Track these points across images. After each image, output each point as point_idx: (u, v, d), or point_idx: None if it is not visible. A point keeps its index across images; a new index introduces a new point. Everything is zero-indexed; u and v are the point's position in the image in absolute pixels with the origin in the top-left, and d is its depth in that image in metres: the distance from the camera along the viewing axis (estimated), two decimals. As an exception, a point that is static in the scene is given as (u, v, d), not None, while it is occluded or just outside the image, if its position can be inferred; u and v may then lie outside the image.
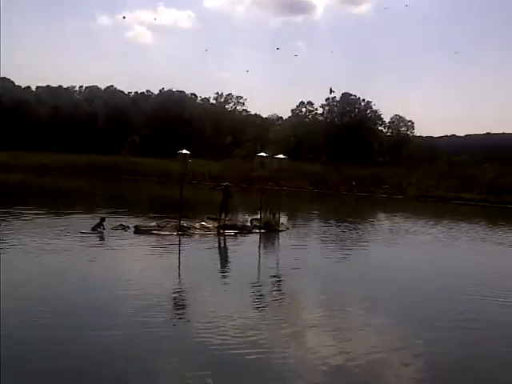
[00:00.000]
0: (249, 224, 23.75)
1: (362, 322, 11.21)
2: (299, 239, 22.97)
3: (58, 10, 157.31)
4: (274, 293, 13.53)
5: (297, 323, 10.96)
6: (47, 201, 34.03)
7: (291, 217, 31.27)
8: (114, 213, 26.13)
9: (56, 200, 35.41)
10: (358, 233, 25.26)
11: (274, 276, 15.35)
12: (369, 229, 27.38)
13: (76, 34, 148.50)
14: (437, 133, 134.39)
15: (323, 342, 9.83)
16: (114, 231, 20.63)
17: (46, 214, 26.09)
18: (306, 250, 20.44)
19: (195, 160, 48.02)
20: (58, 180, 51.14)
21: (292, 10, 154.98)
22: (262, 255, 19.21)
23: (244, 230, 22.72)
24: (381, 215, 36.16)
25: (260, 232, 22.62)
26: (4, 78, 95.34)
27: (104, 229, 20.57)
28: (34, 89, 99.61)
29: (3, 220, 22.30)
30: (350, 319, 11.55)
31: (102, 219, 20.97)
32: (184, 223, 21.80)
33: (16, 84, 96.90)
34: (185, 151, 22.17)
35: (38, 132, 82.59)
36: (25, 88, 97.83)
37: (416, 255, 20.52)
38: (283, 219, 25.78)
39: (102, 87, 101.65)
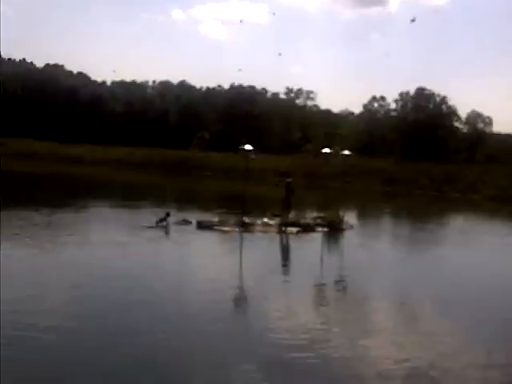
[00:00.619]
0: (312, 222, 23.20)
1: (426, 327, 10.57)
2: (363, 239, 22.37)
3: (131, 4, 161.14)
4: (335, 293, 13.18)
5: (359, 326, 10.41)
6: (117, 195, 34.68)
7: (357, 216, 30.48)
8: (179, 207, 26.44)
9: (126, 194, 36.05)
10: (425, 234, 24.19)
11: (336, 276, 14.86)
12: (438, 230, 26.20)
13: (149, 29, 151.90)
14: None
15: (380, 347, 9.28)
16: (177, 226, 20.63)
17: (115, 207, 26.58)
18: (370, 251, 19.70)
19: (261, 155, 48.38)
20: (130, 174, 52.27)
21: (367, 2, 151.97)
22: (323, 254, 18.61)
23: (307, 228, 22.18)
24: (452, 216, 34.63)
25: (323, 230, 22.04)
26: (81, 73, 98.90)
27: (168, 223, 20.59)
28: (109, 84, 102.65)
29: (71, 212, 22.89)
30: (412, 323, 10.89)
31: (167, 214, 20.98)
32: (246, 219, 21.55)
33: (92, 79, 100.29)
34: (247, 147, 21.88)
35: (111, 126, 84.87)
36: (100, 83, 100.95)
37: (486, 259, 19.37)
38: (348, 218, 25.01)
39: (175, 82, 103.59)
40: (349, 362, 8.54)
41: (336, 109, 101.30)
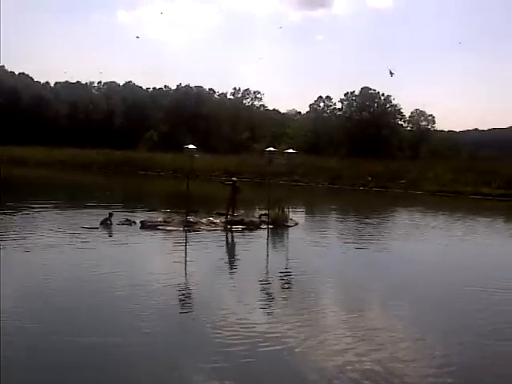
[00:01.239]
0: (257, 219, 23.43)
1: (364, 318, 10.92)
2: (308, 235, 22.76)
3: (76, 5, 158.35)
4: (280, 288, 13.41)
5: (306, 318, 10.69)
6: (60, 195, 34.06)
7: (302, 212, 30.91)
8: (124, 208, 26.27)
9: (69, 195, 35.54)
10: (369, 228, 24.74)
11: (278, 270, 15.10)
12: (379, 224, 26.83)
13: (96, 29, 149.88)
14: (459, 127, 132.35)
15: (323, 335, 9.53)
16: (120, 226, 20.50)
17: (57, 208, 26.18)
18: (313, 245, 20.06)
19: (207, 155, 48.51)
20: (74, 175, 51.46)
21: (312, 4, 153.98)
22: (268, 251, 18.81)
23: (251, 226, 22.35)
24: (391, 209, 35.45)
25: (268, 227, 22.28)
26: (23, 74, 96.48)
27: (111, 224, 20.49)
28: (52, 84, 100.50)
29: (13, 215, 22.37)
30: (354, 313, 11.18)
31: (110, 214, 20.92)
32: (191, 218, 21.58)
33: (35, 80, 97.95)
34: (191, 146, 21.91)
35: (56, 128, 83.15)
36: (43, 84, 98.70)
37: (431, 249, 20.02)
38: (293, 215, 25.36)
39: (121, 83, 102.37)
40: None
41: (283, 109, 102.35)
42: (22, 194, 32.87)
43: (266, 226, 22.39)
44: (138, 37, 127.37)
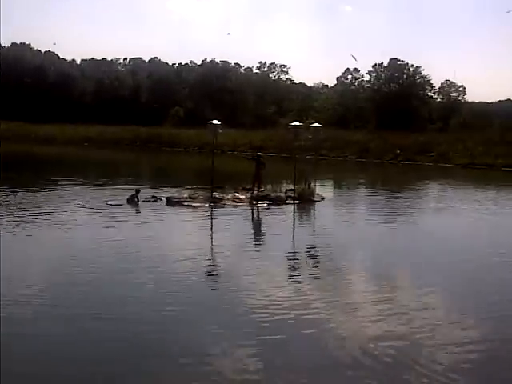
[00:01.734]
0: (283, 195, 23.21)
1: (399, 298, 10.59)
2: (334, 209, 22.55)
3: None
4: (307, 263, 13.15)
5: (332, 295, 10.46)
6: (87, 173, 34.34)
7: (329, 187, 30.61)
8: (151, 184, 26.36)
9: (96, 172, 35.71)
10: (398, 203, 24.36)
11: (306, 246, 14.81)
12: (407, 198, 26.37)
13: (119, 5, 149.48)
14: (491, 98, 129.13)
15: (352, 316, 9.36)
16: (146, 203, 20.50)
17: (84, 185, 26.36)
18: (341, 220, 19.83)
19: (231, 130, 48.28)
20: (101, 152, 51.78)
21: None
22: (294, 226, 18.64)
23: (277, 201, 22.14)
24: (420, 183, 34.81)
25: (294, 203, 22.06)
26: (49, 52, 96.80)
27: (138, 200, 20.50)
28: (78, 62, 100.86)
29: (40, 192, 22.55)
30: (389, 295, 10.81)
31: (137, 191, 20.91)
32: (216, 194, 21.49)
33: (61, 57, 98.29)
34: (215, 121, 21.71)
35: (82, 105, 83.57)
36: (70, 61, 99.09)
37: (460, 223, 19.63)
38: (320, 189, 25.10)
39: (146, 59, 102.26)
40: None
41: (310, 82, 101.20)
42: (49, 171, 33.13)
43: (292, 201, 22.17)
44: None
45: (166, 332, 8.41)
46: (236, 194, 22.42)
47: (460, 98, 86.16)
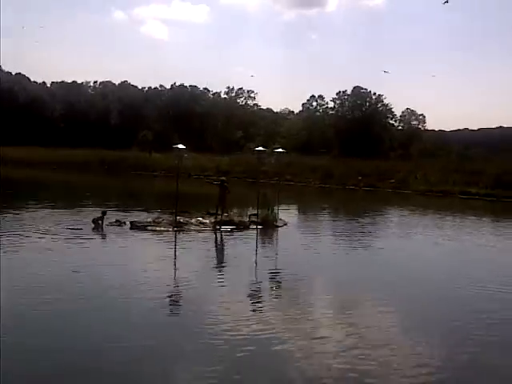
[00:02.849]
0: (246, 219, 23.89)
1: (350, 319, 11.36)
2: (296, 235, 23.19)
3: (71, 4, 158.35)
4: (269, 288, 13.74)
5: (294, 319, 11.01)
6: (52, 195, 34.37)
7: (292, 212, 31.44)
8: (116, 207, 26.72)
9: (61, 195, 35.89)
10: (359, 227, 25.33)
11: (269, 271, 15.46)
12: (368, 223, 27.41)
13: (90, 29, 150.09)
14: (449, 126, 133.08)
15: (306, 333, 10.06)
16: (110, 227, 20.86)
17: (47, 208, 26.45)
18: (302, 246, 20.52)
19: (196, 154, 48.93)
20: (68, 175, 51.86)
21: (306, 2, 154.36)
22: (257, 251, 19.09)
23: (241, 226, 22.78)
24: (380, 209, 36.09)
25: (257, 228, 22.72)
26: (19, 75, 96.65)
27: (102, 223, 20.82)
28: (49, 85, 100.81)
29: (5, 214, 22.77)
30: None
31: (104, 213, 21.18)
32: (180, 219, 22.01)
33: (32, 80, 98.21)
34: (180, 146, 22.38)
35: (52, 128, 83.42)
36: (40, 84, 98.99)
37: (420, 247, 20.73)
38: (283, 214, 25.85)
39: (116, 82, 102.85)
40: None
41: (277, 108, 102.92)
42: (14, 194, 33.23)
43: (255, 226, 22.81)
44: None
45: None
46: (200, 219, 22.93)
47: (420, 126, 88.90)
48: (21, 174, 48.72)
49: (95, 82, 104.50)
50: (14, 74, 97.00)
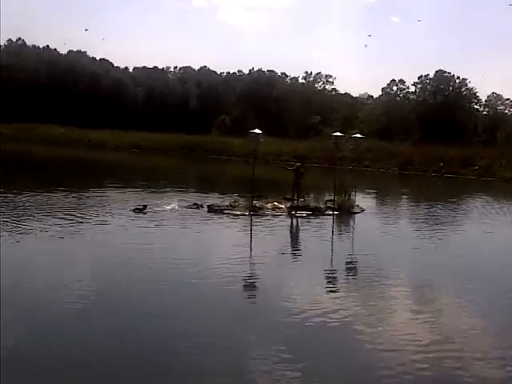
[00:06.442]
0: (322, 205, 23.73)
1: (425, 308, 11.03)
2: (373, 221, 22.80)
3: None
4: (346, 275, 13.54)
5: (371, 304, 10.92)
6: (132, 178, 35.51)
7: (370, 198, 30.90)
8: (194, 191, 27.27)
9: (141, 178, 36.85)
10: (438, 214, 24.57)
11: (345, 258, 15.19)
12: (449, 210, 26.53)
13: (171, 15, 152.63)
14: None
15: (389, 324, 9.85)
16: (187, 210, 21.28)
17: (127, 189, 27.19)
18: (378, 232, 20.15)
19: (273, 138, 48.94)
20: (148, 158, 53.33)
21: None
22: (333, 237, 18.99)
23: (317, 212, 22.67)
24: (462, 196, 34.77)
25: (333, 214, 22.51)
26: (103, 60, 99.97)
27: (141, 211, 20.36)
28: (131, 70, 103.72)
29: (87, 197, 23.67)
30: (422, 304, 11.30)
31: (144, 206, 20.47)
32: (256, 203, 22.17)
33: (115, 65, 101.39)
34: (257, 130, 22.42)
35: (133, 112, 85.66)
36: (123, 69, 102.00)
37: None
38: (360, 201, 25.47)
39: (196, 68, 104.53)
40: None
41: (355, 93, 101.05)
42: (98, 176, 34.55)
43: (331, 212, 22.59)
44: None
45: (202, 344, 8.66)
46: (276, 204, 23.02)
47: (507, 111, 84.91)
48: (102, 156, 50.61)
49: (175, 68, 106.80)
50: (98, 59, 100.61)
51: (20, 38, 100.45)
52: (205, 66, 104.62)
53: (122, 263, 13.23)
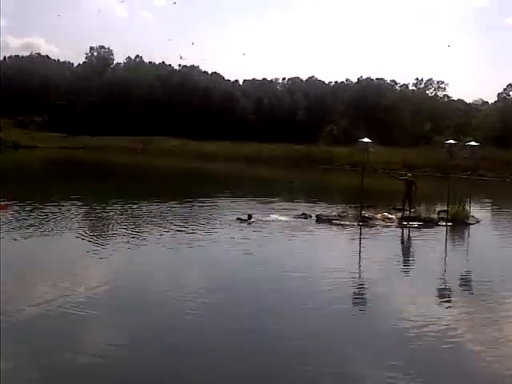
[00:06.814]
0: (435, 216, 22.91)
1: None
2: (490, 234, 21.69)
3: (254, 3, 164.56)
4: (462, 290, 12.98)
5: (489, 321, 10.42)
6: (241, 188, 36.26)
7: (485, 209, 29.42)
8: (301, 201, 27.35)
9: (248, 187, 37.50)
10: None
11: (460, 272, 14.54)
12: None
13: (277, 25, 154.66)
14: None
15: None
16: (296, 219, 21.37)
17: (235, 199, 27.83)
18: (497, 246, 19.14)
19: (382, 148, 47.93)
20: (257, 169, 54.20)
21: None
22: (447, 249, 18.31)
23: (429, 222, 21.90)
24: None
25: (446, 225, 21.65)
26: (215, 73, 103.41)
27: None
28: (241, 83, 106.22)
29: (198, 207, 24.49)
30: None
31: (249, 216, 20.81)
32: (365, 213, 21.84)
33: (225, 78, 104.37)
34: (366, 139, 22.12)
35: (242, 124, 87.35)
36: (233, 82, 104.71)
37: None
38: (475, 211, 24.32)
39: (304, 78, 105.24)
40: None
41: (469, 99, 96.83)
42: (209, 186, 35.61)
43: (444, 223, 21.75)
44: None
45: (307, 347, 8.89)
46: (386, 214, 22.54)
47: None
48: (215, 167, 52.12)
49: (284, 79, 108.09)
50: (210, 73, 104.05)
51: (138, 55, 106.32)
52: (312, 76, 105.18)
53: (233, 272, 13.55)
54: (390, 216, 22.35)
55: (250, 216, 20.67)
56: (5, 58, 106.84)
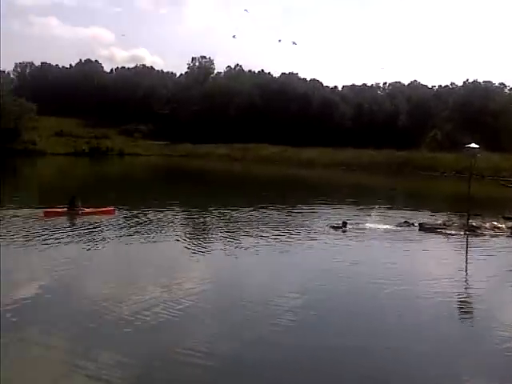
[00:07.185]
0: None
1: None
2: None
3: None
4: None
5: None
6: (339, 195, 35.73)
7: None
8: (403, 209, 26.48)
9: (347, 194, 36.80)
10: None
11: None
12: None
13: (375, 30, 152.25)
14: None
15: None
16: (398, 227, 20.66)
17: (333, 205, 27.52)
18: None
19: (492, 154, 45.54)
20: (356, 175, 53.29)
21: None
22: None
23: (545, 232, 20.40)
24: None
25: None
26: (314, 80, 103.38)
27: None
28: (340, 88, 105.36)
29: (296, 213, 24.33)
30: None
31: (344, 223, 20.25)
32: (473, 222, 20.68)
33: (324, 85, 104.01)
34: (473, 145, 21.02)
35: (341, 130, 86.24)
36: (332, 88, 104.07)
37: None
38: None
39: (406, 82, 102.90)
40: None
41: None
42: (307, 192, 35.42)
43: None
44: None
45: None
46: (495, 223, 21.27)
47: None
48: (313, 174, 51.81)
49: (384, 84, 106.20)
50: (308, 80, 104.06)
51: (238, 65, 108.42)
52: (415, 80, 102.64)
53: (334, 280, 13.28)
54: (499, 225, 21.07)
55: (345, 223, 20.15)
56: (111, 70, 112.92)
